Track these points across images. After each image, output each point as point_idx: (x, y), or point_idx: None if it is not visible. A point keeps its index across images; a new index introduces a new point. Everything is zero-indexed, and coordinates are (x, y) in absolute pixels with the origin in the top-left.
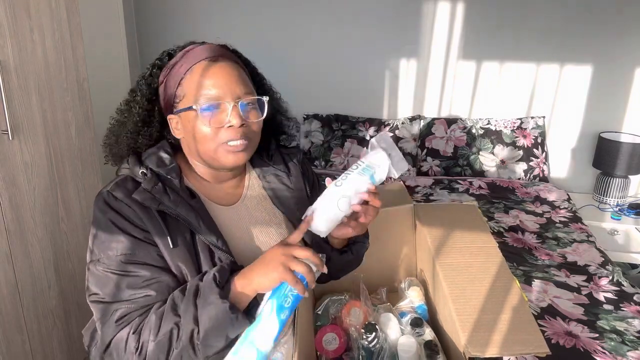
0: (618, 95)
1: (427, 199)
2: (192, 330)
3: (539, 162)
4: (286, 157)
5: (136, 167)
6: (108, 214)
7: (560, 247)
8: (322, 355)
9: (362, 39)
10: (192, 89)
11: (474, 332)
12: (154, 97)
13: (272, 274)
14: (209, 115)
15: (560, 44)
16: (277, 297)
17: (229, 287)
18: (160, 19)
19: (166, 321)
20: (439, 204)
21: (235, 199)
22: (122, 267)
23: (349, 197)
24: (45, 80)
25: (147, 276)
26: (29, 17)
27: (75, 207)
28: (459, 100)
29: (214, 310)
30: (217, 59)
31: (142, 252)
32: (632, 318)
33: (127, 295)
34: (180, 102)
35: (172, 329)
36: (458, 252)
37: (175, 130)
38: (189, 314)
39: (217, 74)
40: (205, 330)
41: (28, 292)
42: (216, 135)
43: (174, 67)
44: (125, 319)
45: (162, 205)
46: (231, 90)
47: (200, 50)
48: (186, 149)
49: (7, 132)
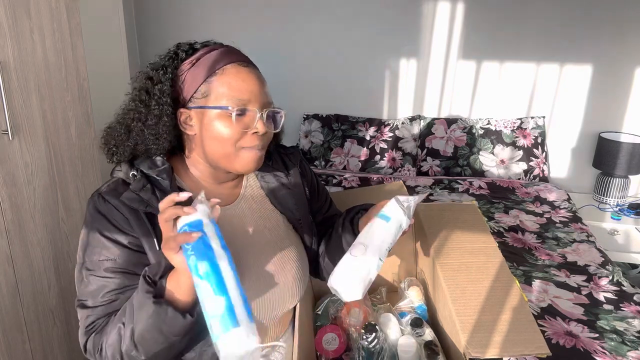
0: (618, 95)
1: (427, 199)
2: (132, 329)
3: (539, 162)
4: (285, 157)
5: (127, 169)
6: (96, 221)
7: (560, 247)
8: (322, 356)
9: (362, 39)
10: (222, 88)
11: (474, 333)
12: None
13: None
14: (237, 118)
15: (560, 44)
16: (195, 274)
17: (162, 283)
18: (160, 19)
19: (116, 322)
20: (440, 204)
21: (232, 200)
22: (102, 273)
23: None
24: (45, 80)
25: (124, 283)
26: (29, 17)
27: (75, 207)
28: (459, 100)
29: (145, 308)
30: (249, 65)
31: (124, 260)
32: (632, 318)
33: (99, 300)
34: (202, 99)
35: (119, 329)
36: (458, 252)
37: (185, 125)
38: (129, 313)
39: (251, 79)
40: (139, 328)
41: (28, 292)
42: (239, 139)
43: (198, 62)
44: (93, 325)
45: (149, 207)
46: (261, 97)
47: (231, 51)
48: (195, 146)
49: (7, 132)
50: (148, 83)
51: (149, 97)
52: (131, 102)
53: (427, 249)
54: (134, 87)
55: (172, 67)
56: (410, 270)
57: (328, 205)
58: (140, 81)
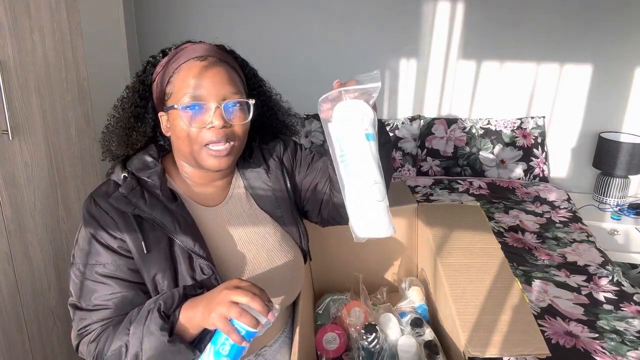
0: (618, 95)
1: (427, 199)
2: (137, 353)
3: (539, 162)
4: (266, 153)
5: (119, 171)
6: (89, 224)
7: (560, 247)
8: (322, 355)
9: (362, 39)
10: (178, 87)
11: (474, 332)
12: (148, 94)
13: (209, 317)
14: (191, 115)
15: (560, 44)
16: (214, 342)
17: (175, 317)
18: (160, 19)
19: (118, 338)
20: (443, 204)
21: (221, 199)
22: (93, 277)
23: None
24: (45, 80)
25: (114, 289)
26: (29, 17)
27: (75, 207)
28: (458, 100)
29: (155, 341)
30: (207, 59)
31: (114, 265)
32: (632, 318)
33: (91, 304)
34: (168, 100)
35: (121, 347)
36: (460, 252)
37: (166, 128)
38: (136, 336)
39: (204, 73)
40: (147, 357)
41: (28, 292)
42: (198, 136)
43: (167, 65)
44: (86, 330)
45: (137, 210)
46: (217, 91)
47: (191, 49)
48: (174, 148)
49: (7, 132)
50: (129, 92)
51: (129, 105)
52: (113, 109)
53: (429, 248)
54: (118, 98)
55: (149, 73)
56: (411, 270)
57: (317, 160)
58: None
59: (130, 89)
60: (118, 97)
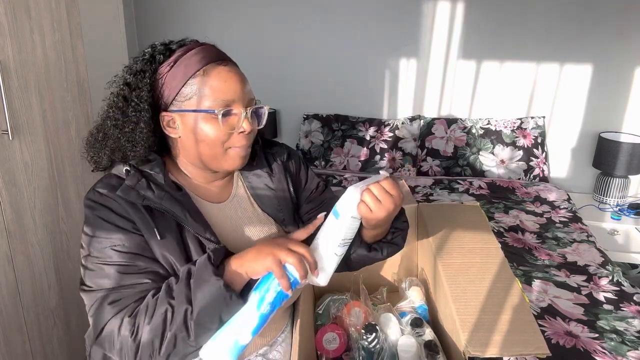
0: (618, 95)
1: (427, 199)
2: (186, 309)
3: (539, 162)
4: (270, 157)
5: (120, 165)
6: (95, 210)
7: (560, 247)
8: (322, 355)
9: (362, 39)
10: (205, 90)
11: (474, 332)
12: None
13: (262, 261)
14: (223, 120)
15: (560, 44)
16: (260, 289)
17: (224, 266)
18: (160, 19)
19: (160, 304)
20: (443, 204)
21: (224, 198)
22: (114, 258)
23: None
24: (45, 80)
25: (141, 265)
26: (29, 17)
27: (75, 207)
28: (458, 100)
29: (208, 288)
30: (227, 63)
31: (131, 243)
32: (632, 318)
33: (122, 282)
34: (185, 102)
35: (167, 310)
36: (460, 252)
37: (169, 128)
38: (182, 295)
39: (233, 78)
40: (198, 308)
41: (28, 292)
42: (226, 140)
43: (177, 64)
44: (120, 303)
45: (146, 200)
46: (244, 96)
47: (209, 50)
48: (180, 148)
49: (7, 132)
50: (125, 89)
51: (127, 104)
52: (108, 108)
53: (429, 248)
54: (110, 92)
55: (151, 71)
56: (411, 270)
57: (321, 191)
58: (117, 86)
59: (133, 86)
60: (111, 92)
